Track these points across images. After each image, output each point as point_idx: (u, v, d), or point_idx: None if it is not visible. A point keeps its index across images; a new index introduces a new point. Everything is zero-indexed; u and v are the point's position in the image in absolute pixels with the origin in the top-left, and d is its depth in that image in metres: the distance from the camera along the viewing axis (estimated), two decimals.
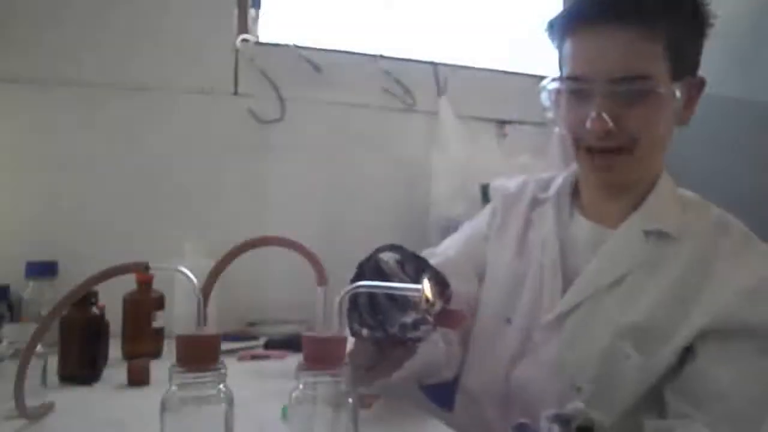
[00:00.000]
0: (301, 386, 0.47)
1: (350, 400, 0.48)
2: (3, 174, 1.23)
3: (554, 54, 0.84)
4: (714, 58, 1.44)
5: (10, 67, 1.23)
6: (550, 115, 0.83)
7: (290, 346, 1.09)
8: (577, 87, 0.77)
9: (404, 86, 1.51)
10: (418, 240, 1.40)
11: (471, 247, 0.95)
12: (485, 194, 1.37)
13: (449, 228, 1.35)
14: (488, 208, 0.99)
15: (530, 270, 0.86)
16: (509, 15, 1.70)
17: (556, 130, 0.86)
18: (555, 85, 0.80)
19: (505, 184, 0.97)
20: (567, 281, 0.82)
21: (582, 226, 0.85)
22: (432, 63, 1.54)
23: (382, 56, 1.51)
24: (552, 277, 0.83)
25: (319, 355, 0.48)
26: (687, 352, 0.74)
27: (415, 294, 0.52)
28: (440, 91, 1.53)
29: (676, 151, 1.47)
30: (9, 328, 0.75)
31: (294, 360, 0.49)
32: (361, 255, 1.59)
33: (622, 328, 0.75)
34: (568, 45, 0.78)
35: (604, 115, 0.73)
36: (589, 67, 0.75)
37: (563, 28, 0.79)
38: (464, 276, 0.89)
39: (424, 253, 0.85)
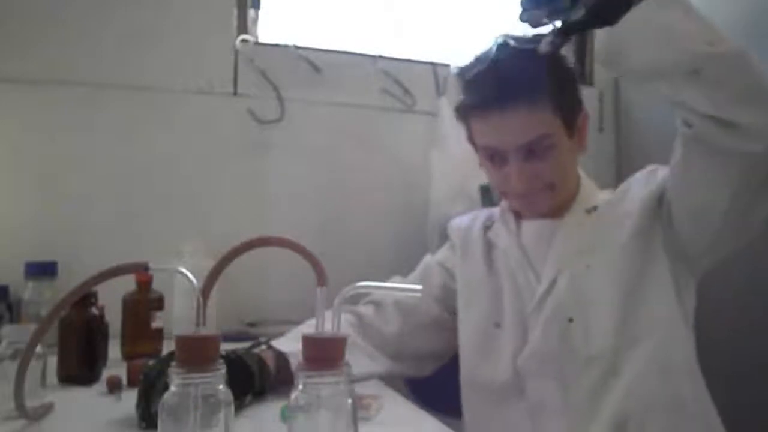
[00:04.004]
0: (300, 387, 0.47)
1: (350, 400, 0.48)
2: (3, 174, 1.23)
3: None
4: None
5: (10, 67, 1.23)
6: None
7: None
8: (494, 154, 0.92)
9: (404, 87, 1.51)
10: (417, 240, 1.40)
11: (425, 274, 1.09)
12: (485, 195, 1.37)
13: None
14: (447, 244, 1.12)
15: (504, 279, 0.97)
16: (509, 15, 1.70)
17: None
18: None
19: (459, 220, 1.12)
20: (537, 273, 0.94)
21: (532, 227, 0.98)
22: (432, 63, 1.54)
23: (381, 56, 1.51)
24: (524, 275, 0.95)
25: (319, 355, 0.48)
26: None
27: (415, 294, 0.52)
28: (440, 91, 1.53)
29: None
30: (9, 329, 0.75)
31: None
32: (361, 255, 1.59)
33: (570, 254, 0.91)
34: (474, 123, 0.94)
35: (523, 175, 0.90)
36: (499, 139, 0.90)
37: (467, 112, 0.94)
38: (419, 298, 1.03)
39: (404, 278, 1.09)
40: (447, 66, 1.55)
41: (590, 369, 0.85)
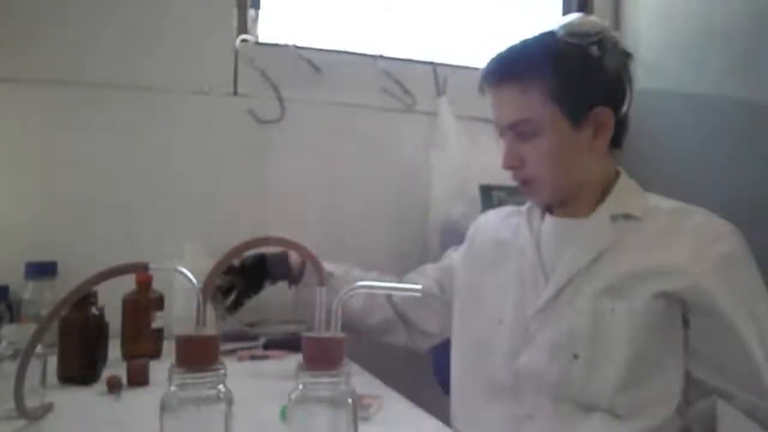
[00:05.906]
0: (300, 387, 0.47)
1: (349, 400, 0.48)
2: (3, 174, 1.23)
3: None
4: (714, 58, 1.45)
5: (10, 67, 1.23)
6: None
7: (289, 346, 1.09)
8: (498, 130, 0.94)
9: (404, 87, 1.51)
10: (417, 240, 1.40)
11: (442, 263, 1.14)
12: (485, 195, 1.37)
13: (448, 228, 1.35)
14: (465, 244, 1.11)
15: (512, 277, 0.94)
16: (509, 15, 1.70)
17: None
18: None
19: (484, 217, 1.11)
20: (547, 275, 0.90)
21: (552, 224, 0.94)
22: (432, 63, 1.54)
23: (381, 56, 1.51)
24: (533, 274, 0.91)
25: (319, 355, 0.48)
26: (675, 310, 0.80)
27: (415, 294, 0.52)
28: (440, 91, 1.53)
29: (677, 151, 1.47)
30: (9, 329, 0.75)
31: (293, 360, 0.49)
32: (361, 255, 1.59)
33: (600, 290, 0.83)
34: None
35: (509, 154, 0.91)
36: (495, 114, 0.93)
37: (480, 85, 0.96)
38: (425, 277, 1.12)
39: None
40: (447, 66, 1.55)
41: (586, 410, 0.81)
